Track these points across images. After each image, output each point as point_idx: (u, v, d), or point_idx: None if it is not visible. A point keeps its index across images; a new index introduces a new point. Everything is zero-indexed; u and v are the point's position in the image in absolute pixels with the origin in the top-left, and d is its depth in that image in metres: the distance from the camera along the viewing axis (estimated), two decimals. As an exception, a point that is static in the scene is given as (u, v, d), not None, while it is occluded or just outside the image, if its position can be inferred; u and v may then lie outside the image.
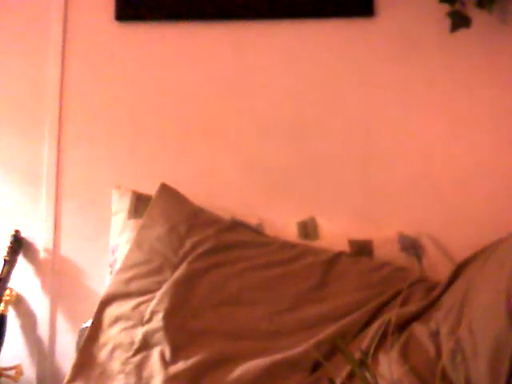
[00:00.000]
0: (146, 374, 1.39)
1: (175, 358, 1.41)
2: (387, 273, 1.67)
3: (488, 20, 1.92)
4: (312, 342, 1.41)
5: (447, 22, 1.91)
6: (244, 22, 2.01)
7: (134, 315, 1.52)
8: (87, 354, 1.46)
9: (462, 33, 1.90)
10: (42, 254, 2.03)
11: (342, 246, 1.78)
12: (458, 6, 1.89)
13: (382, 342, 1.35)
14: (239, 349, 1.44)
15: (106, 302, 1.57)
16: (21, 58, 2.08)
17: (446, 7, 1.90)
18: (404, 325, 1.40)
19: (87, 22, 2.06)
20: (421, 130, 1.95)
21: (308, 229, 1.85)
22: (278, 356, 1.38)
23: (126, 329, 1.50)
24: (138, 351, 1.44)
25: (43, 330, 2.01)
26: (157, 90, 2.03)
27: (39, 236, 2.03)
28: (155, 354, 1.43)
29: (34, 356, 2.01)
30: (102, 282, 1.87)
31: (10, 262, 1.96)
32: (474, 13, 1.89)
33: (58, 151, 2.03)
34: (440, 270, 1.74)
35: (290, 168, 1.97)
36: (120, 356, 1.44)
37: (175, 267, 1.62)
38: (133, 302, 1.56)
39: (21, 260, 2.02)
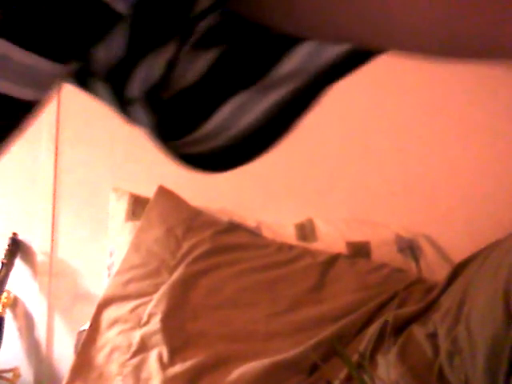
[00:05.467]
0: (143, 376, 1.39)
1: (173, 360, 1.41)
2: (385, 274, 1.67)
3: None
4: (310, 343, 1.41)
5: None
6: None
7: (132, 318, 1.52)
8: (85, 356, 1.46)
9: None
10: (39, 257, 2.02)
11: (340, 247, 1.78)
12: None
13: (379, 343, 1.35)
14: (237, 351, 1.44)
15: (103, 305, 1.57)
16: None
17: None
18: (402, 326, 1.40)
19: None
20: (418, 132, 1.95)
21: (306, 231, 1.85)
22: (276, 358, 1.38)
23: (123, 331, 1.50)
24: (135, 353, 1.44)
25: (41, 332, 2.00)
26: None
27: (37, 238, 2.03)
28: (153, 356, 1.42)
29: (31, 358, 2.00)
30: (100, 284, 1.87)
31: (7, 265, 1.95)
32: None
33: (56, 153, 2.03)
34: (438, 272, 1.74)
35: (288, 170, 1.97)
36: (118, 358, 1.44)
37: (173, 269, 1.62)
38: (130, 304, 1.56)
39: (18, 263, 2.02)
